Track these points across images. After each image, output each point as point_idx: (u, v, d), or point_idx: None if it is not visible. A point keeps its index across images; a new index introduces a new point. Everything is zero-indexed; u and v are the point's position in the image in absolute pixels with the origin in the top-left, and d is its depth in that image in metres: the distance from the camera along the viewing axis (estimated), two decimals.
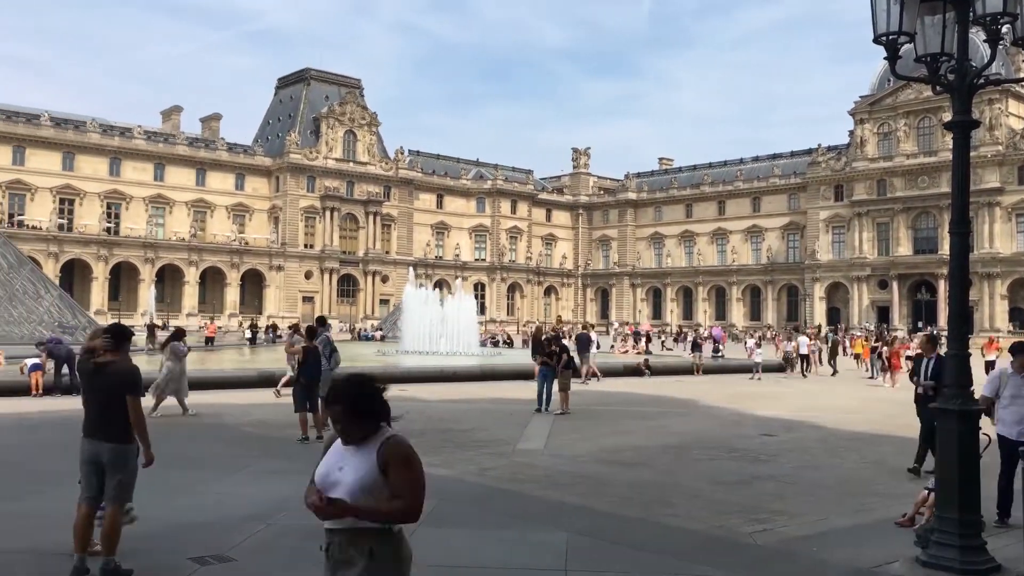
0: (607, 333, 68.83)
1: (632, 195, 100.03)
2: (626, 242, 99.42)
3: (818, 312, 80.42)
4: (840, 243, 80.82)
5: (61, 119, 75.61)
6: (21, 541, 6.61)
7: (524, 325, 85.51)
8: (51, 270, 64.46)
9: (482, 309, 77.64)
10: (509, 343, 51.02)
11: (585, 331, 28.13)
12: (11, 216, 69.46)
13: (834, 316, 79.22)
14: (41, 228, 70.17)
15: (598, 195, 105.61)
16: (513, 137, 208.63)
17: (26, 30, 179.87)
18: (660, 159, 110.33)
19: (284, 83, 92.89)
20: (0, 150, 70.49)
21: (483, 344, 42.13)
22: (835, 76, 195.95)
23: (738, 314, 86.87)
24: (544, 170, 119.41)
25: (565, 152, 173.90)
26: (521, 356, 30.59)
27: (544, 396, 16.48)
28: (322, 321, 14.77)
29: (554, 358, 16.70)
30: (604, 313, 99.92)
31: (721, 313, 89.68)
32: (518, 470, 10.22)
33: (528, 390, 18.12)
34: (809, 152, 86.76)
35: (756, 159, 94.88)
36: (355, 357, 24.51)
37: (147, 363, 27.26)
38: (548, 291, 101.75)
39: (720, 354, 36.15)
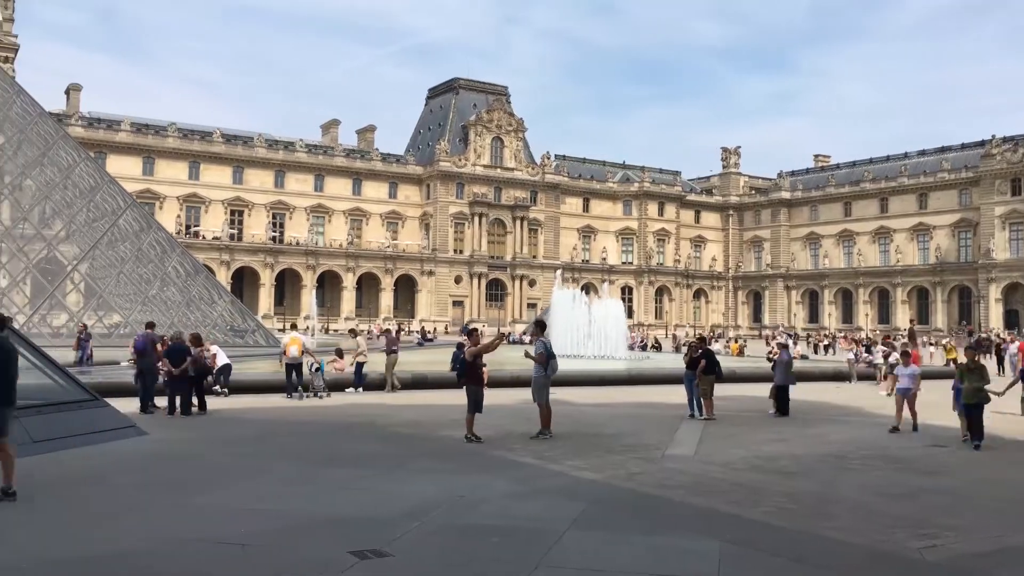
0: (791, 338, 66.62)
1: (786, 194, 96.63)
2: (779, 243, 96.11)
3: (993, 315, 75.01)
4: (1018, 240, 75.13)
5: (231, 135, 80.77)
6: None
7: (674, 329, 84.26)
8: (223, 277, 69.07)
9: (629, 312, 76.93)
10: (657, 347, 50.36)
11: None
12: (188, 227, 74.86)
13: (1012, 319, 73.67)
14: (214, 238, 75.25)
15: (749, 195, 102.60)
16: (661, 139, 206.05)
17: (201, 53, 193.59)
18: (816, 156, 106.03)
19: (434, 93, 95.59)
20: (178, 166, 76.19)
21: (631, 348, 41.78)
22: (1010, 63, 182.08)
23: (903, 317, 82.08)
24: (692, 171, 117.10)
25: (714, 152, 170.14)
26: (670, 360, 30.12)
27: (695, 401, 16.20)
28: (541, 325, 14.91)
29: (697, 363, 16.35)
30: (757, 316, 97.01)
31: (884, 316, 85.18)
32: (667, 476, 10.07)
33: (677, 395, 17.83)
34: (982, 144, 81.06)
35: (922, 153, 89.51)
36: (503, 361, 24.87)
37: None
38: (697, 294, 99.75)
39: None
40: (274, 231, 79.23)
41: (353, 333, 23.61)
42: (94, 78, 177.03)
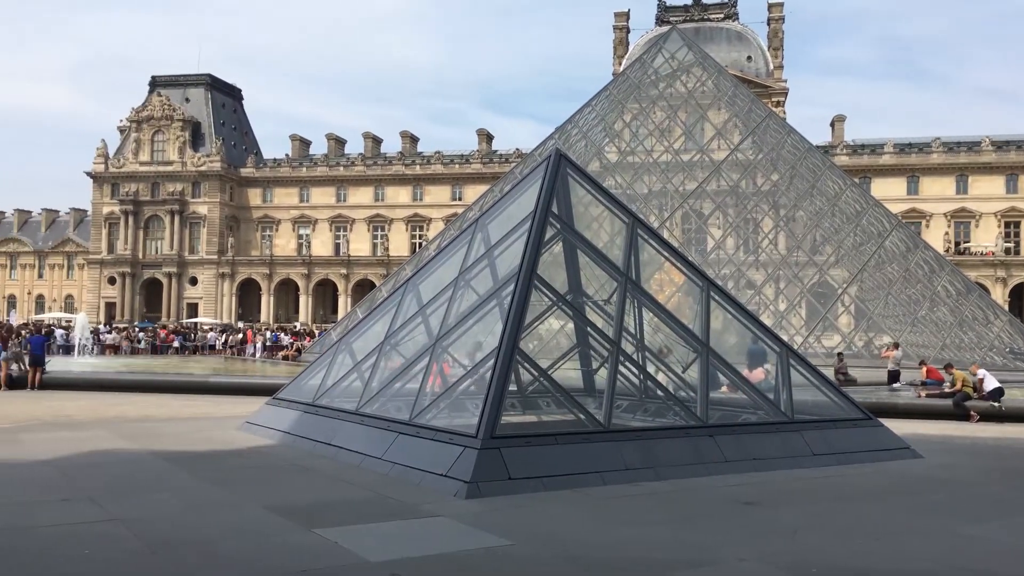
0: None
1: None
2: None
3: None
4: None
5: (1001, 142, 74.64)
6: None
7: None
8: (999, 295, 63.95)
9: None
10: None
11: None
12: (956, 244, 71.55)
13: None
14: (986, 253, 70.46)
15: None
16: None
17: (982, 60, 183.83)
18: None
19: None
20: (944, 181, 73.62)
21: None
22: None
23: None
24: None
25: None
26: None
27: None
28: None
29: None
30: None
31: None
32: None
33: None
34: None
35: None
36: None
37: None
38: None
39: None
40: None
41: (895, 346, 20.22)
42: (857, 106, 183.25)
